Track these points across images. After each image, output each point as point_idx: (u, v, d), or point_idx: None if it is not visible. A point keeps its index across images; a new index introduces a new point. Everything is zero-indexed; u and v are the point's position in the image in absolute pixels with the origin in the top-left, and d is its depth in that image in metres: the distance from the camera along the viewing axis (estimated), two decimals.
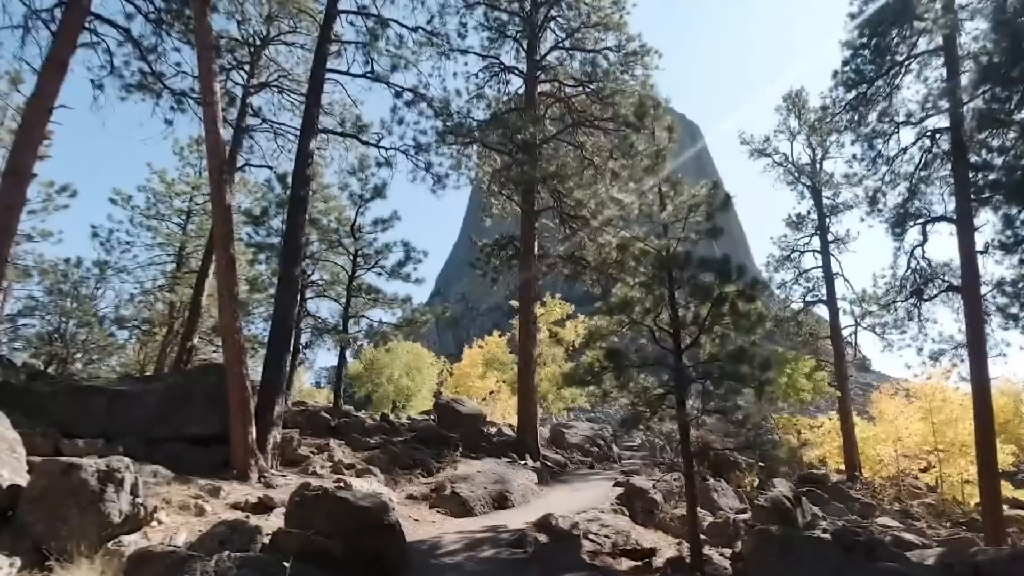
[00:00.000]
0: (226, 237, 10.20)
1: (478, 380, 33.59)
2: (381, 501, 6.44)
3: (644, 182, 12.09)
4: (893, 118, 20.75)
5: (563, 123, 21.21)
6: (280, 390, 11.15)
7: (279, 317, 11.71)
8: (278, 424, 10.91)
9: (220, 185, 10.13)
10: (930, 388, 27.76)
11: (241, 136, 20.07)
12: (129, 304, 24.66)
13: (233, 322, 9.98)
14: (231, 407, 9.82)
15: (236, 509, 8.36)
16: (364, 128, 14.81)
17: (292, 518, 6.62)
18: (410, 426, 16.98)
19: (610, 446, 23.32)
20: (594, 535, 9.98)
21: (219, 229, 10.22)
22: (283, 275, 12.05)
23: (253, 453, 9.84)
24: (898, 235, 20.09)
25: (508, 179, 17.97)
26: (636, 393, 11.17)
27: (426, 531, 9.49)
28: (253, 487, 9.42)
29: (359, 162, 18.60)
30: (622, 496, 12.69)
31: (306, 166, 13.05)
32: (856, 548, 10.67)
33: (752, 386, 11.13)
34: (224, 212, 10.18)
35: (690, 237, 11.82)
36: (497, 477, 12.30)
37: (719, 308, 11.36)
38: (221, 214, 10.17)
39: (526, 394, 17.11)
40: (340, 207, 19.51)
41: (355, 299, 18.62)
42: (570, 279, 21.33)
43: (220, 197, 10.12)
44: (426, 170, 14.96)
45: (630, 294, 11.69)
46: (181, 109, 14.06)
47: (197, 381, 10.93)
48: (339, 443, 12.97)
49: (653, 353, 11.56)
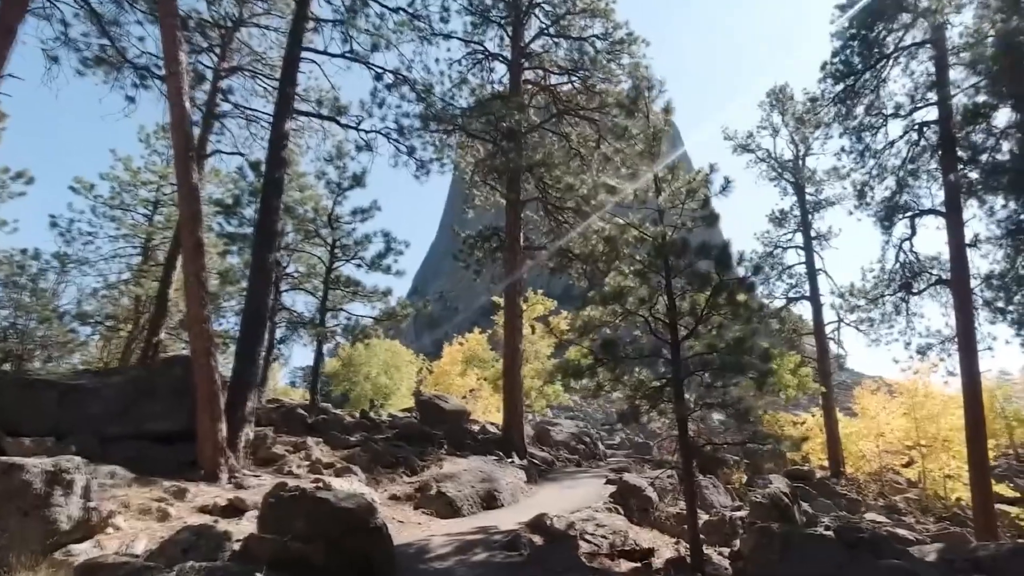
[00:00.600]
0: (193, 219, 9.40)
1: (458, 378, 32.96)
2: (365, 502, 5.77)
3: (639, 166, 11.58)
4: (881, 111, 20.61)
5: (548, 112, 20.66)
6: (252, 384, 10.36)
7: (251, 306, 10.91)
8: (250, 421, 10.13)
9: (186, 163, 9.34)
10: (912, 383, 27.81)
11: (212, 121, 19.17)
12: (91, 299, 23.48)
13: (201, 311, 9.20)
14: (198, 402, 9.04)
15: (204, 512, 7.60)
16: (343, 110, 14.04)
17: (266, 522, 5.92)
18: (391, 423, 16.22)
19: (596, 444, 22.80)
20: (590, 535, 9.41)
21: (185, 211, 9.42)
22: (256, 262, 11.25)
23: (223, 452, 9.06)
24: (886, 228, 19.95)
25: (492, 168, 17.33)
26: (633, 386, 10.65)
27: (412, 533, 8.82)
28: (223, 488, 8.65)
29: (336, 149, 17.82)
30: (616, 494, 12.15)
31: (281, 148, 12.27)
32: (860, 545, 10.27)
33: (753, 377, 10.69)
34: (190, 192, 9.38)
35: (686, 224, 11.35)
36: (485, 475, 11.67)
37: (717, 297, 10.91)
38: (187, 194, 9.37)
39: (512, 390, 16.50)
40: (317, 196, 18.69)
41: (333, 292, 17.81)
42: (556, 272, 20.77)
43: (186, 176, 9.33)
44: (409, 154, 14.25)
45: (624, 283, 11.17)
46: (144, 86, 13.16)
47: (161, 374, 10.08)
48: (317, 441, 12.20)
49: (649, 344, 11.05)
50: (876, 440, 27.62)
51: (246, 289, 11.84)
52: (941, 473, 26.02)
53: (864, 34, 20.18)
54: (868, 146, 21.00)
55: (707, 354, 10.75)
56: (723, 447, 11.36)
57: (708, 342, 10.81)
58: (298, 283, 18.68)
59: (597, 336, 11.37)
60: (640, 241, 11.07)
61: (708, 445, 10.93)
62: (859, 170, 21.21)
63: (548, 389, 29.00)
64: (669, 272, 10.87)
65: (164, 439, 9.52)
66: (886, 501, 24.70)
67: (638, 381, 10.78)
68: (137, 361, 18.36)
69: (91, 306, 24.60)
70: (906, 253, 19.77)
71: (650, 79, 11.52)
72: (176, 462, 9.07)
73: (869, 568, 9.48)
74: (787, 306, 32.65)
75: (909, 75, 20.72)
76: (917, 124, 20.06)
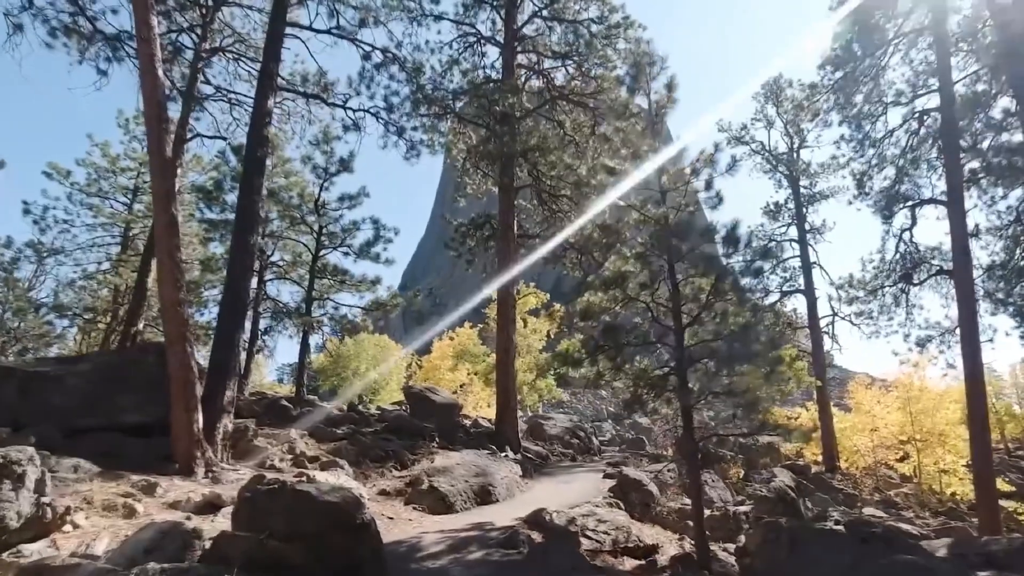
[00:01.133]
0: (167, 195, 8.75)
1: (448, 372, 32.38)
2: (352, 496, 5.19)
3: (640, 145, 11.05)
4: (881, 99, 20.23)
5: (542, 99, 20.10)
6: (232, 372, 9.72)
7: (231, 290, 10.26)
8: (229, 411, 9.49)
9: (159, 136, 8.67)
10: (908, 377, 27.57)
11: (192, 104, 18.39)
12: (69, 289, 22.67)
13: (175, 292, 8.55)
14: (172, 390, 8.40)
15: (175, 509, 6.98)
16: (329, 88, 13.36)
17: (241, 518, 5.32)
18: (380, 416, 15.60)
19: (590, 438, 22.31)
20: (592, 532, 8.88)
21: (158, 186, 8.76)
22: (237, 244, 10.60)
23: (199, 444, 8.43)
24: (887, 218, 19.58)
25: (486, 153, 16.74)
26: (635, 375, 10.14)
27: (403, 531, 8.25)
28: (199, 483, 8.03)
29: (323, 133, 17.15)
30: (615, 489, 11.64)
31: (263, 126, 11.61)
32: (873, 540, 9.83)
33: (760, 366, 10.22)
34: (164, 166, 8.72)
35: (689, 206, 10.87)
36: (479, 470, 11.10)
37: (722, 282, 10.43)
38: (161, 169, 8.71)
39: (505, 382, 15.93)
40: (302, 183, 18.01)
41: (319, 281, 17.15)
42: (550, 262, 20.24)
43: (159, 148, 8.66)
44: (398, 135, 13.62)
45: (624, 268, 10.65)
46: (117, 59, 12.41)
47: (134, 361, 9.42)
48: (301, 434, 11.58)
49: (652, 331, 10.55)
50: (870, 435, 27.35)
51: (226, 270, 11.14)
52: (936, 468, 25.80)
53: (864, 20, 19.77)
54: (868, 135, 20.63)
55: (712, 341, 10.28)
56: (728, 439, 10.91)
57: (714, 329, 10.34)
58: (284, 272, 18.02)
59: (597, 323, 10.87)
60: (642, 223, 10.57)
61: (714, 437, 10.45)
62: (858, 159, 20.86)
63: (540, 383, 28.52)
64: (672, 256, 10.38)
65: (138, 431, 8.87)
66: (881, 496, 24.41)
67: (640, 370, 10.27)
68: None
69: (68, 297, 23.82)
70: (906, 243, 19.41)
71: (651, 55, 10.92)
72: (149, 456, 8.42)
73: (883, 564, 9.04)
74: (781, 300, 32.32)
75: (908, 63, 20.38)
76: (917, 112, 19.69)
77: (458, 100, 18.09)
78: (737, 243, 9.67)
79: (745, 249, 10.36)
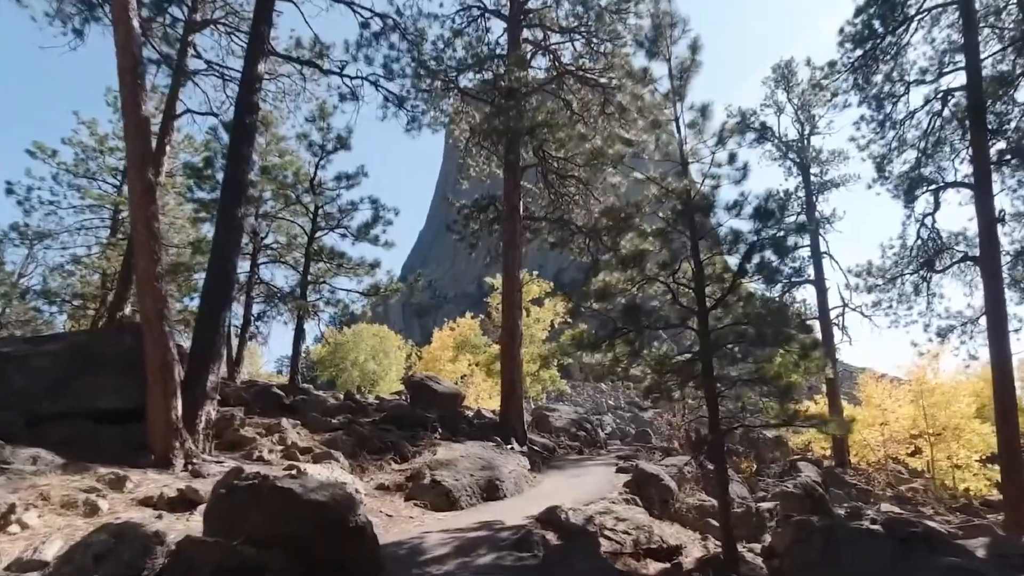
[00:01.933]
0: (142, 158, 7.89)
1: (449, 363, 31.63)
2: (343, 493, 4.38)
3: (660, 113, 10.19)
4: (904, 77, 19.36)
5: (548, 76, 19.21)
6: (216, 355, 8.89)
7: (217, 264, 9.41)
8: (214, 398, 8.67)
9: (134, 91, 7.81)
10: (920, 370, 26.85)
11: (182, 79, 17.48)
12: (56, 275, 21.81)
13: (153, 266, 7.71)
14: (148, 374, 7.58)
15: (146, 506, 6.18)
16: (324, 53, 12.44)
17: (215, 519, 4.52)
18: (379, 406, 14.77)
19: (596, 431, 21.52)
20: (611, 531, 8.08)
21: (133, 148, 7.90)
22: (223, 215, 9.74)
23: (177, 433, 7.61)
24: (908, 203, 18.75)
25: (491, 130, 15.83)
26: (656, 361, 9.32)
27: (403, 530, 7.45)
28: (176, 476, 7.22)
29: (319, 109, 16.25)
30: (631, 484, 10.85)
31: (253, 92, 10.73)
32: (913, 541, 9.02)
33: (795, 351, 9.41)
34: (139, 127, 7.86)
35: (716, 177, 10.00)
36: (484, 463, 10.31)
37: (749, 259, 9.61)
38: (136, 129, 7.85)
39: (511, 371, 15.11)
40: (297, 161, 17.12)
41: (315, 264, 16.29)
42: (556, 247, 19.39)
43: (133, 106, 7.81)
44: (399, 105, 12.72)
45: (642, 246, 9.81)
46: (94, 17, 11.50)
47: (109, 342, 8.59)
48: (294, 424, 10.77)
49: (675, 313, 9.73)
50: (881, 429, 26.64)
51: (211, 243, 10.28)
52: (950, 463, 25.10)
53: None
54: (889, 116, 19.77)
55: (740, 324, 9.47)
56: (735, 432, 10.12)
57: (743, 311, 9.53)
58: (278, 255, 17.15)
59: (611, 306, 10.06)
60: (665, 196, 9.73)
61: (740, 427, 9.67)
62: (878, 141, 19.97)
63: (544, 374, 27.72)
64: (695, 232, 9.56)
65: (112, 418, 8.05)
66: (894, 491, 23.69)
67: (661, 355, 9.47)
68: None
69: (56, 283, 22.99)
70: (929, 228, 18.57)
71: (672, 15, 10.05)
72: (123, 445, 7.62)
73: (925, 567, 8.27)
74: (790, 290, 31.49)
75: (930, 43, 19.52)
76: (941, 92, 18.83)
77: (462, 75, 17.20)
78: (770, 216, 8.83)
79: (776, 224, 9.55)
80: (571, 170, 18.19)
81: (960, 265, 18.51)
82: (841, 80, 20.03)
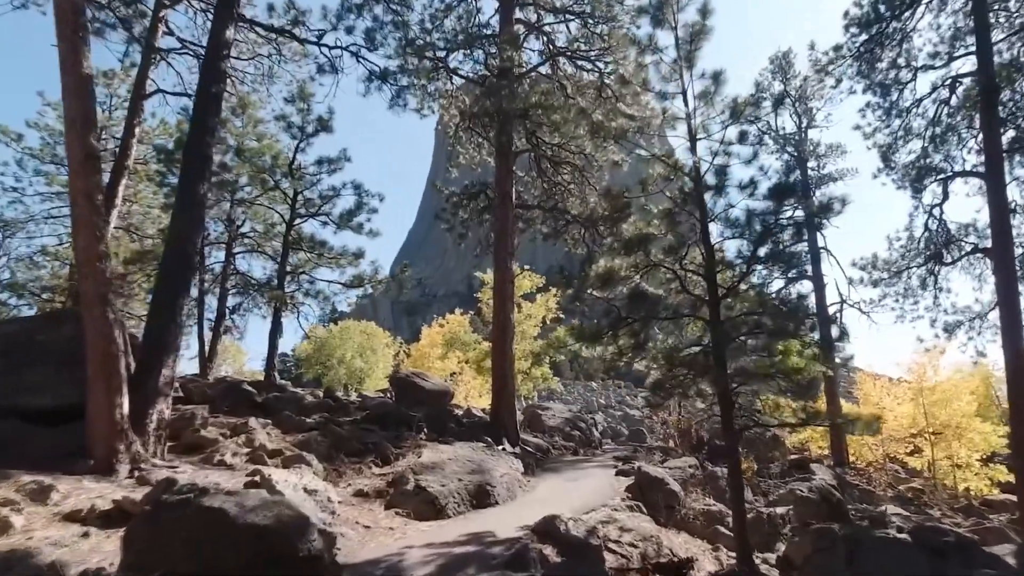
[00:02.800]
0: (83, 122, 6.90)
1: (438, 361, 30.64)
2: (293, 513, 3.46)
3: (667, 84, 9.33)
4: (911, 63, 18.63)
5: (542, 60, 18.32)
6: (171, 346, 7.90)
7: (175, 244, 8.39)
8: (167, 394, 7.68)
9: (74, 44, 6.81)
10: (920, 367, 26.19)
11: (153, 57, 16.41)
12: (22, 266, 20.68)
13: (95, 243, 6.73)
14: (89, 366, 6.61)
15: (72, 521, 5.20)
16: (300, 20, 11.38)
17: (133, 545, 3.58)
18: (361, 404, 13.78)
19: (591, 430, 20.66)
20: (615, 544, 7.20)
21: (72, 109, 6.91)
22: (184, 187, 8.74)
23: (122, 434, 6.64)
24: (916, 193, 18.03)
25: (482, 112, 14.91)
26: (665, 353, 8.45)
27: (381, 544, 6.52)
28: (118, 484, 6.25)
29: (300, 90, 15.24)
30: (633, 488, 9.98)
31: (220, 58, 9.74)
32: (947, 552, 8.22)
33: (813, 342, 8.60)
34: (79, 84, 6.87)
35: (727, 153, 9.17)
36: (474, 466, 9.39)
37: (763, 243, 8.80)
38: (75, 87, 6.86)
39: (502, 366, 14.20)
40: (276, 146, 16.08)
41: (295, 254, 15.27)
42: (549, 238, 18.51)
43: (73, 62, 6.81)
44: (382, 79, 11.73)
45: (647, 229, 8.94)
46: None
47: (44, 331, 7.59)
48: (264, 423, 9.80)
49: (684, 301, 8.88)
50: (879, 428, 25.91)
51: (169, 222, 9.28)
52: (950, 462, 24.47)
53: None
54: (895, 103, 19.04)
55: (755, 313, 8.64)
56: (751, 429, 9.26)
57: (755, 299, 8.70)
58: (256, 244, 16.11)
59: (612, 295, 9.19)
60: (673, 172, 8.86)
61: (754, 427, 8.84)
62: (883, 130, 19.22)
63: (536, 371, 26.83)
64: (705, 214, 8.71)
65: (48, 418, 7.07)
66: (895, 492, 23.00)
67: (670, 347, 8.60)
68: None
69: (23, 275, 21.88)
70: (937, 219, 17.84)
71: None
72: (58, 449, 6.64)
73: None
74: (787, 286, 30.75)
75: (935, 29, 18.80)
76: (950, 78, 18.10)
77: (451, 55, 16.27)
78: (790, 193, 8.00)
79: (796, 203, 8.72)
80: (566, 156, 17.32)
81: (970, 258, 17.80)
82: (846, 66, 19.28)
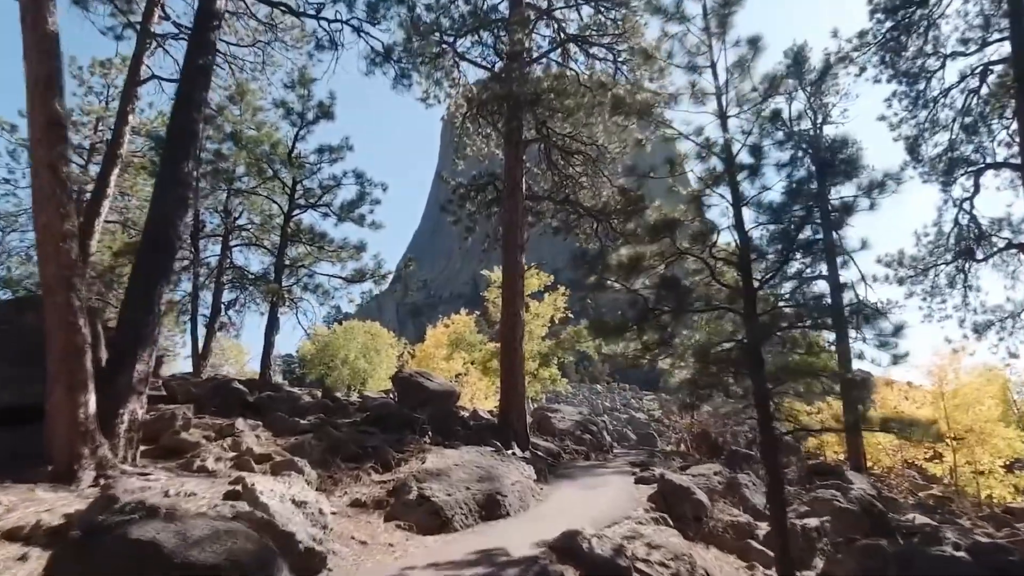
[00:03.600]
0: (46, 84, 6.14)
1: (443, 362, 29.82)
2: (254, 548, 2.66)
3: (696, 57, 8.53)
4: (939, 50, 17.78)
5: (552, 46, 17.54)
6: (147, 339, 7.11)
7: (154, 227, 7.62)
8: (141, 392, 6.90)
9: None
10: (941, 369, 25.20)
11: (148, 41, 15.69)
12: (12, 260, 20.02)
13: (59, 221, 5.97)
14: (49, 358, 5.83)
15: (11, 539, 4.39)
16: None
17: None
18: (361, 405, 12.96)
19: (602, 433, 19.80)
20: (644, 563, 6.36)
21: (34, 69, 6.14)
22: (166, 165, 7.98)
23: (87, 437, 5.86)
24: (946, 186, 17.19)
25: (491, 97, 14.12)
26: (698, 350, 7.63)
27: (379, 564, 5.71)
28: (79, 494, 5.46)
29: (300, 74, 14.49)
30: (656, 497, 9.15)
31: (209, 28, 9.00)
32: (1012, 573, 7.34)
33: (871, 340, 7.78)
34: (42, 43, 6.11)
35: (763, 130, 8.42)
36: (483, 473, 8.58)
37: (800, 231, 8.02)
38: (38, 45, 6.10)
39: (511, 365, 13.39)
40: (275, 134, 15.30)
41: (294, 247, 14.48)
42: (560, 231, 17.70)
43: (36, 18, 6.06)
44: (385, 57, 10.97)
45: (672, 214, 8.14)
46: None
47: (4, 319, 6.83)
48: (254, 425, 9.02)
49: (717, 293, 8.06)
50: None
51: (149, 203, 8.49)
52: (973, 469, 23.53)
53: None
54: (922, 93, 18.19)
55: (797, 306, 7.84)
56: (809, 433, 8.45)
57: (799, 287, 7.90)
58: (253, 237, 15.34)
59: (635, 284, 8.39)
60: (706, 149, 8.05)
61: (793, 432, 8.01)
62: (910, 121, 18.38)
63: (544, 372, 25.98)
64: (738, 197, 7.91)
65: (5, 418, 6.30)
66: (916, 499, 22.02)
67: (703, 343, 7.77)
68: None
69: (19, 271, 21.26)
70: (967, 214, 16.98)
71: None
72: (12, 453, 5.85)
73: None
74: (800, 286, 29.88)
75: (963, 16, 17.93)
76: (981, 65, 17.24)
77: (459, 40, 15.48)
78: (852, 169, 7.19)
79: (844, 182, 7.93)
80: (577, 147, 16.50)
81: (1003, 254, 16.94)
82: (870, 53, 18.45)
